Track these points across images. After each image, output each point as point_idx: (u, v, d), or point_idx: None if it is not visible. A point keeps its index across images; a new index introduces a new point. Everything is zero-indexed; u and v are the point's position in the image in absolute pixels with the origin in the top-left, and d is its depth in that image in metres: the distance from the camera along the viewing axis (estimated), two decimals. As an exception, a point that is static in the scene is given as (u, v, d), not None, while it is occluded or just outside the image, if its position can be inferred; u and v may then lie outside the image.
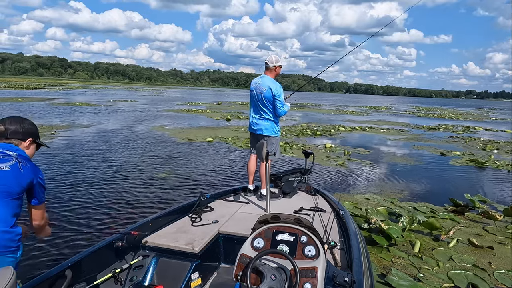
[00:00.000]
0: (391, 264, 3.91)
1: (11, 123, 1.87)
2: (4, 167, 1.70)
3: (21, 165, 1.75)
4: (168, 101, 38.96)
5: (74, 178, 6.90)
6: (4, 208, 1.70)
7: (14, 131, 1.86)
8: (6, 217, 1.70)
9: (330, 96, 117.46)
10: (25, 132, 1.90)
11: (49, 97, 34.54)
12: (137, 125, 16.37)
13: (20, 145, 1.87)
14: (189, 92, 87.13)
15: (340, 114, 32.27)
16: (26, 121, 1.95)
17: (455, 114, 38.94)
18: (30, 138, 1.93)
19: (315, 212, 3.34)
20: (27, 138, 1.91)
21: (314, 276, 1.77)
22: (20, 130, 1.87)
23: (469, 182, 8.23)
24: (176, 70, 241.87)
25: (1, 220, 1.69)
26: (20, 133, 1.87)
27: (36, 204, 1.88)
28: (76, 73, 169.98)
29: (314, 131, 16.62)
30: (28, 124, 1.94)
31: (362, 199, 6.37)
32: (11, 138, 1.85)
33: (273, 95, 3.79)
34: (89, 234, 4.43)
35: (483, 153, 12.39)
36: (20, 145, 1.88)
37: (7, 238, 1.70)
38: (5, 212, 1.70)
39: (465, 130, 21.10)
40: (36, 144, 1.99)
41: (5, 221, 1.70)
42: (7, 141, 1.84)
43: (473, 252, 4.32)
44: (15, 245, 1.75)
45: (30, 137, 1.93)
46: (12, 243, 1.73)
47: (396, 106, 56.83)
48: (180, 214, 3.14)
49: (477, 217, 5.63)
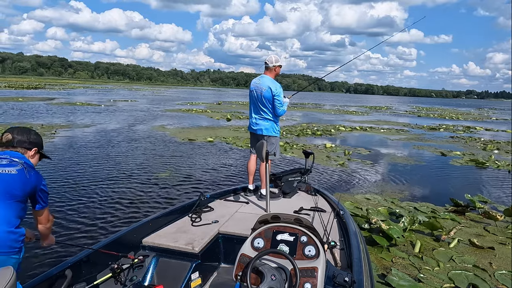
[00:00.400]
0: (391, 265, 3.90)
1: (19, 133, 1.97)
2: (12, 170, 1.78)
3: (27, 171, 1.83)
4: (168, 101, 38.95)
5: (73, 177, 6.88)
6: (9, 209, 1.76)
7: (21, 140, 1.96)
8: (10, 218, 1.76)
9: (330, 96, 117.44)
10: (31, 142, 2.00)
11: (50, 96, 34.56)
12: (138, 125, 16.36)
13: (25, 154, 1.97)
14: (189, 92, 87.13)
15: (341, 114, 32.26)
16: (32, 131, 2.06)
17: (455, 114, 38.91)
18: (35, 148, 2.02)
19: (315, 212, 3.34)
20: (33, 147, 2.01)
21: (314, 276, 1.77)
22: (26, 140, 1.98)
23: (469, 182, 8.21)
24: (176, 70, 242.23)
25: (6, 221, 1.74)
26: (26, 142, 1.97)
27: (40, 208, 1.95)
28: (77, 73, 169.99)
29: (314, 131, 16.61)
30: (34, 135, 2.04)
31: (363, 199, 6.36)
32: (18, 147, 1.95)
33: (273, 95, 3.78)
34: (89, 234, 4.42)
35: (483, 153, 12.37)
36: (26, 154, 1.97)
37: (12, 239, 1.75)
38: (10, 213, 1.76)
39: (465, 130, 21.08)
40: (40, 154, 2.08)
41: (9, 222, 1.75)
42: (13, 149, 1.94)
43: (473, 252, 4.31)
44: (18, 246, 1.79)
45: (35, 147, 2.02)
46: (16, 243, 1.78)
47: (396, 106, 56.80)
48: (180, 214, 3.14)
49: (478, 217, 5.62)
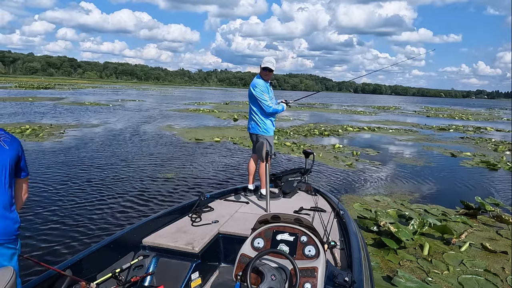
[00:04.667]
0: (398, 267, 3.80)
1: None
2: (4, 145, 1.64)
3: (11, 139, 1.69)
4: (175, 101, 39.16)
5: (81, 176, 6.92)
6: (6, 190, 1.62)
7: None
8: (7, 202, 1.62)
9: (338, 96, 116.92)
10: None
11: (59, 96, 35.00)
12: (145, 124, 16.43)
13: None
14: (196, 91, 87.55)
15: (348, 114, 32.04)
16: None
17: (465, 114, 38.34)
18: None
19: (315, 212, 3.33)
20: None
21: (314, 276, 1.77)
22: None
23: (480, 184, 8.04)
24: (183, 70, 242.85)
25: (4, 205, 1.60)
26: None
27: (26, 176, 1.80)
28: (85, 73, 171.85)
29: (322, 131, 16.50)
30: None
31: (372, 200, 6.26)
32: None
33: (254, 94, 3.84)
34: (92, 232, 4.41)
35: (494, 154, 12.15)
36: None
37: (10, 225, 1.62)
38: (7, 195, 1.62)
39: (475, 130, 20.75)
40: None
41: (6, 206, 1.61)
42: None
43: (485, 256, 4.18)
44: (15, 234, 1.67)
45: None
46: (14, 231, 1.65)
47: (405, 106, 56.24)
48: (180, 214, 3.13)
49: (490, 220, 5.48)
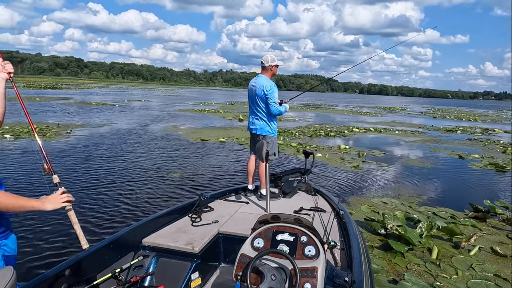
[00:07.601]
0: (405, 271, 3.71)
1: None
2: None
3: None
4: (181, 101, 39.30)
5: (86, 175, 6.94)
6: None
7: None
8: None
9: (343, 97, 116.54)
10: None
11: (66, 96, 35.32)
12: (151, 125, 16.48)
13: None
14: (202, 92, 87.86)
15: (354, 115, 31.86)
16: None
17: (472, 116, 37.94)
18: None
19: (315, 212, 3.31)
20: None
21: (314, 276, 1.77)
22: None
23: (489, 186, 7.90)
24: (189, 70, 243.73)
25: None
26: None
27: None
28: (92, 73, 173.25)
29: (327, 132, 16.41)
30: None
31: (380, 202, 6.17)
32: None
33: (265, 94, 3.75)
34: (97, 230, 4.41)
35: (503, 156, 11.97)
36: None
37: None
38: None
39: (483, 132, 20.51)
40: None
41: None
42: None
43: (495, 261, 4.08)
44: None
45: None
46: None
47: (411, 107, 55.84)
48: (180, 214, 3.12)
49: (500, 223, 5.36)
